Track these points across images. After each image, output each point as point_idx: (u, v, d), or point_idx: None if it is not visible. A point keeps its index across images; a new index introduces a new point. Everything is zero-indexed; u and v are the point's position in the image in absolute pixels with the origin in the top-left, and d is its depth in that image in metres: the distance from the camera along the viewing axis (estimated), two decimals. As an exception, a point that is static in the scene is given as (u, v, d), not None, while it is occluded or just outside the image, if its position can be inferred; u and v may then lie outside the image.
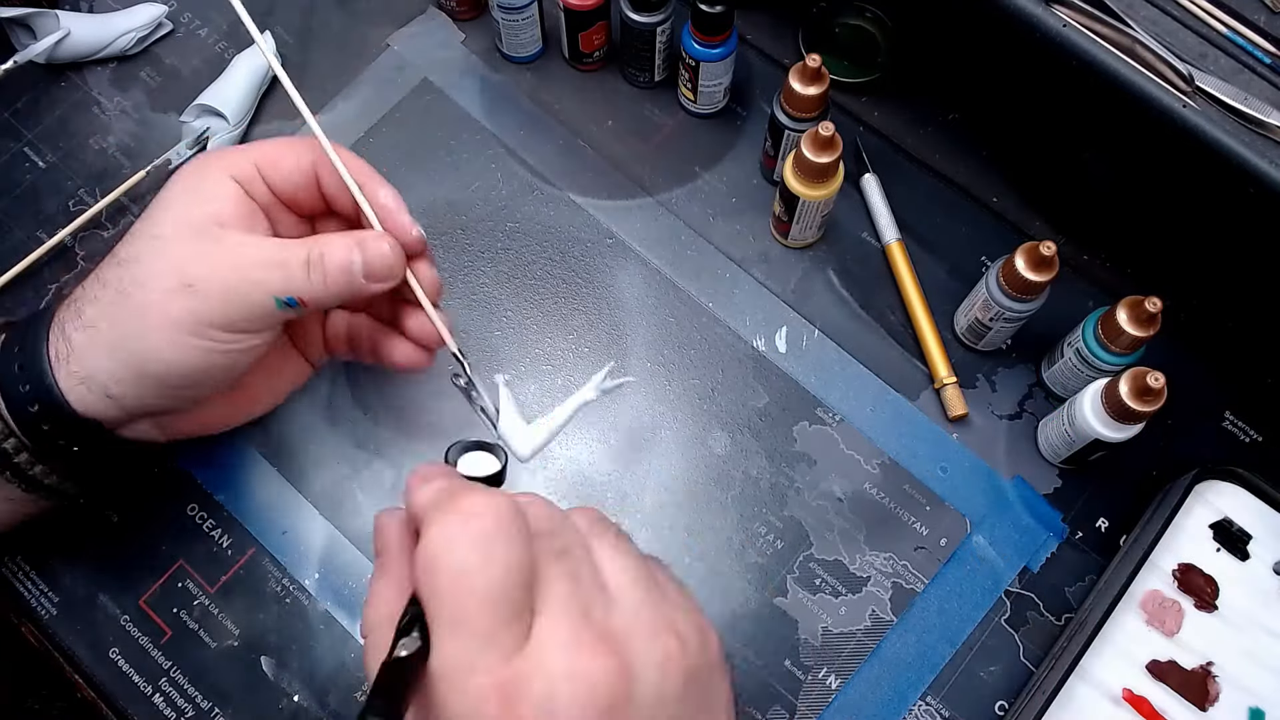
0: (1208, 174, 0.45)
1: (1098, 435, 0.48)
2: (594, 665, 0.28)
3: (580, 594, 0.30)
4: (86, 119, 0.61)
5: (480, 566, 0.28)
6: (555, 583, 0.30)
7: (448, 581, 0.28)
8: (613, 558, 0.32)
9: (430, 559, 0.29)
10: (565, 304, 0.57)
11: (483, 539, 0.29)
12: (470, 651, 0.28)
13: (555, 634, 0.29)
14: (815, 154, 0.51)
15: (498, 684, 0.28)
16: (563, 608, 0.29)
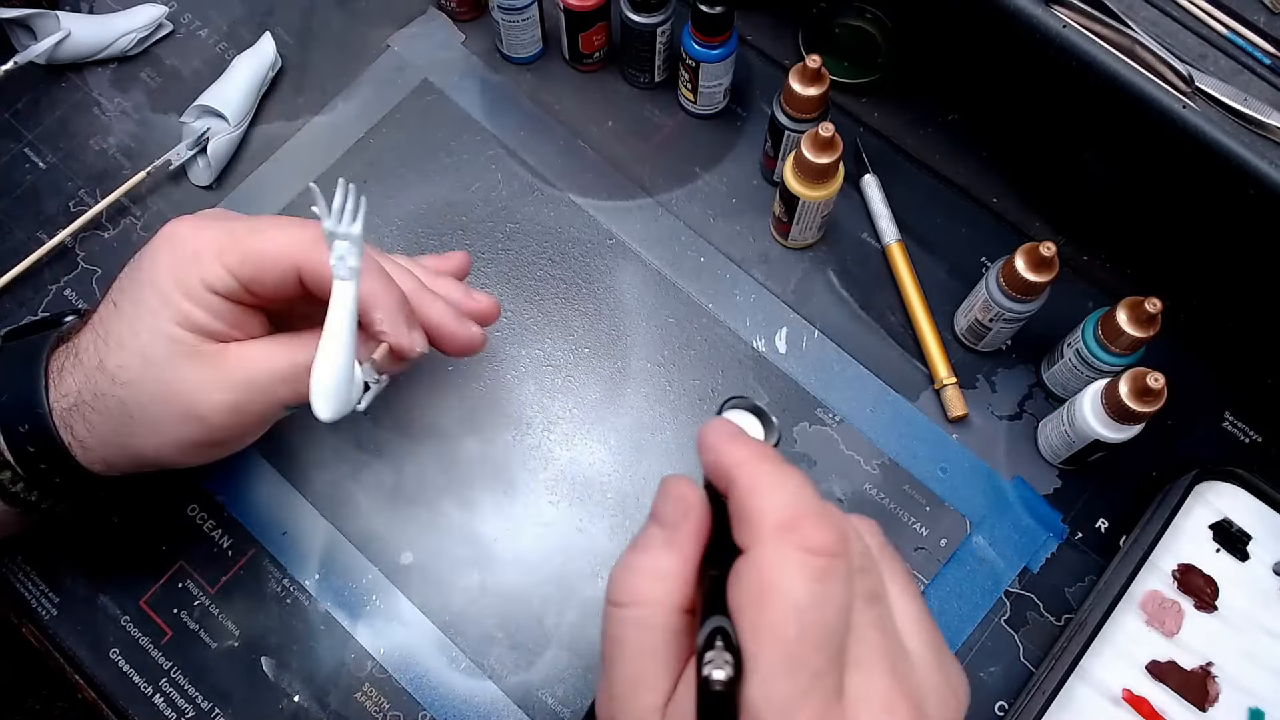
0: (1208, 175, 0.45)
1: (1098, 436, 0.48)
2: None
3: (888, 647, 0.28)
4: (87, 120, 0.61)
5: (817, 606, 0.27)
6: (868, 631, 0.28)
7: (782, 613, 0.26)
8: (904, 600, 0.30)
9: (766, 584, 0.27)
10: (565, 304, 0.57)
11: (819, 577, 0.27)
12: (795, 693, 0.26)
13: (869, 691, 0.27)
14: (815, 154, 0.51)
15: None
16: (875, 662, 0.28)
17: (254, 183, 0.60)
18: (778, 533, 0.27)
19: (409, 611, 0.51)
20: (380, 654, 0.50)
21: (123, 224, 0.59)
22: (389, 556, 0.52)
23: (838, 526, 0.28)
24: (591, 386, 0.56)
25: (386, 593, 0.51)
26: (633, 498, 0.53)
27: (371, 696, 0.50)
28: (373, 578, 0.52)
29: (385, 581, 0.52)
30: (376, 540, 0.52)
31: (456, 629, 0.51)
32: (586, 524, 0.53)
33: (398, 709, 0.50)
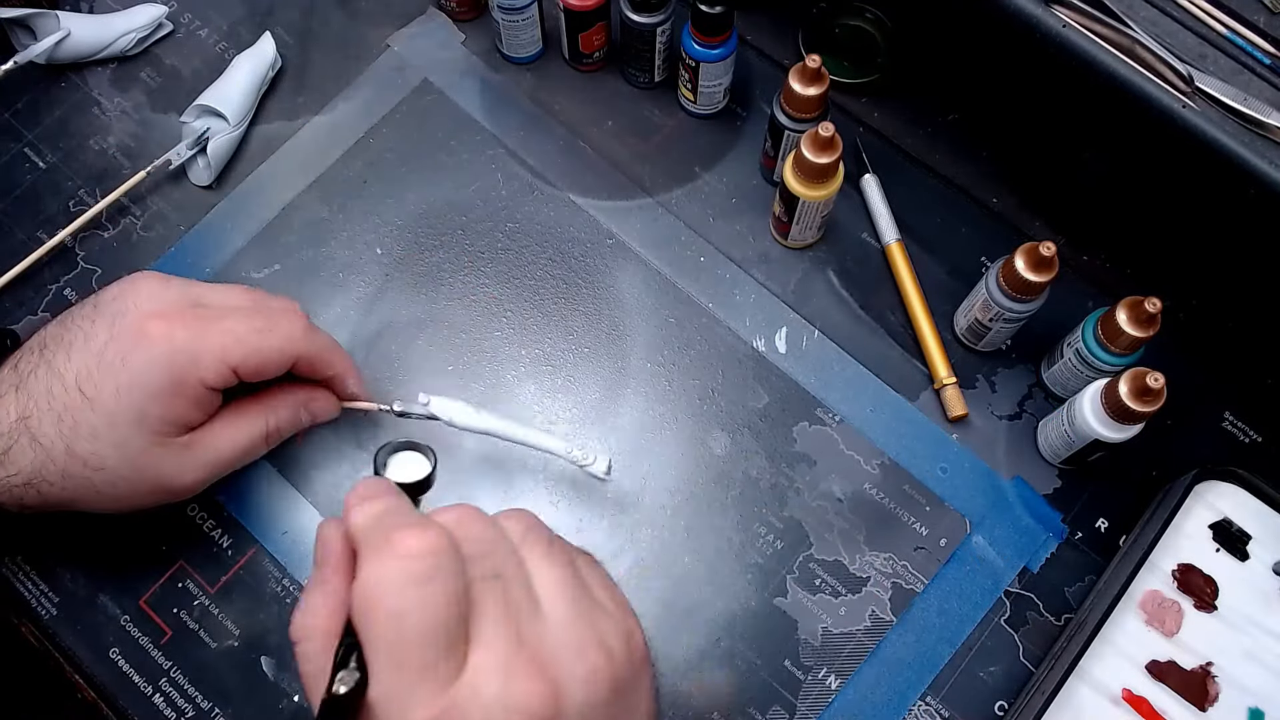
0: (1208, 175, 0.45)
1: (1097, 435, 0.48)
2: (526, 690, 0.29)
3: (512, 617, 0.31)
4: (86, 119, 0.61)
5: (415, 608, 0.29)
6: (488, 608, 0.31)
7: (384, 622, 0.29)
8: (544, 570, 0.33)
9: (366, 599, 0.30)
10: (565, 304, 0.57)
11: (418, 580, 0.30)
12: (408, 687, 0.29)
13: (489, 661, 0.30)
14: (815, 154, 0.51)
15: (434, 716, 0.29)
16: (495, 633, 0.30)
17: (254, 183, 0.60)
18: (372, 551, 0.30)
19: (409, 611, 0.51)
20: (380, 654, 0.50)
21: (123, 224, 0.59)
22: (389, 556, 0.52)
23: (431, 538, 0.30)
24: (591, 386, 0.56)
25: (386, 592, 0.51)
26: (633, 497, 0.53)
27: (371, 696, 0.50)
28: (372, 577, 0.52)
29: (385, 581, 0.52)
30: (376, 540, 0.52)
31: (456, 629, 0.51)
32: (586, 524, 0.53)
33: (397, 709, 0.50)
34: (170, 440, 0.43)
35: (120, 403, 0.42)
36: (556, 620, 0.32)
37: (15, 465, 0.42)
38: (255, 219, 0.59)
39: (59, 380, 0.42)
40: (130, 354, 0.42)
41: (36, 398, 0.42)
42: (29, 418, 0.42)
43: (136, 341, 0.42)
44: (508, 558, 0.32)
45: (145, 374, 0.42)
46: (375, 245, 0.58)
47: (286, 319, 0.45)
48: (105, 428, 0.42)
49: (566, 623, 0.32)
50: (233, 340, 0.43)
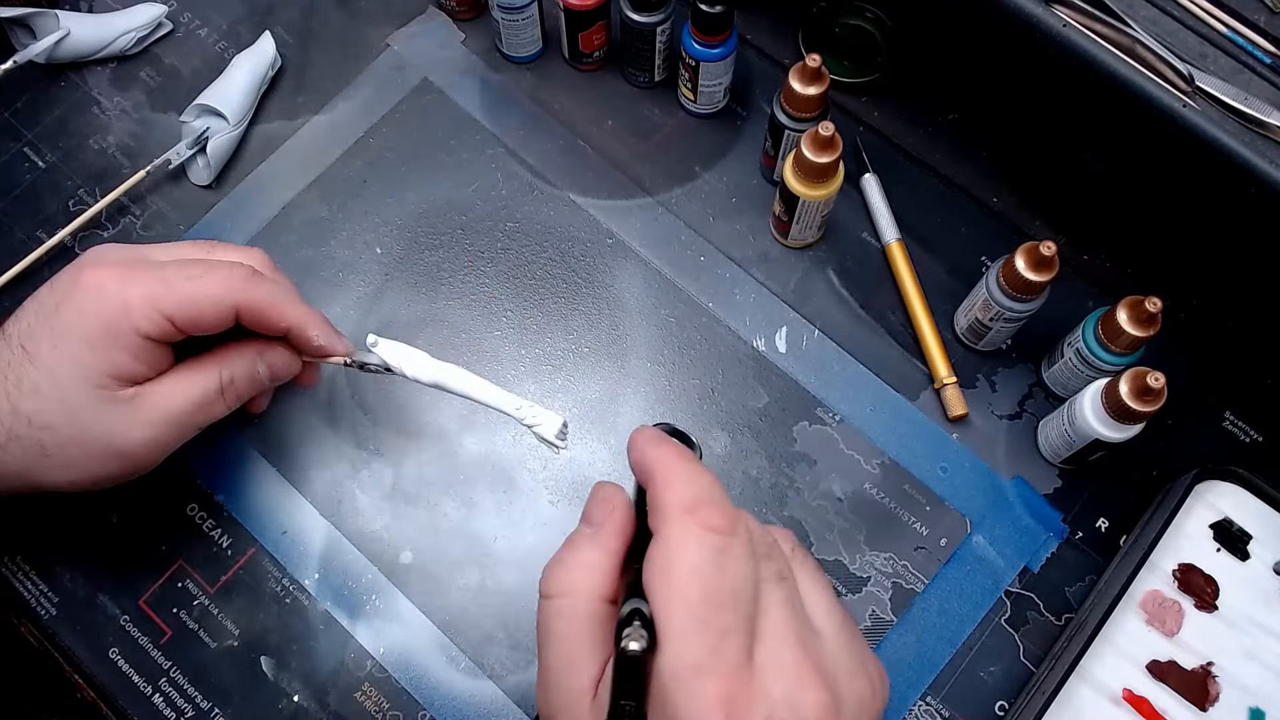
0: (1208, 174, 0.45)
1: (1098, 435, 0.48)
2: (810, 697, 0.29)
3: (796, 623, 0.30)
4: (86, 119, 0.61)
5: (717, 572, 0.29)
6: (775, 607, 0.30)
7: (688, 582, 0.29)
8: (814, 589, 0.33)
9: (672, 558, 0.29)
10: (565, 304, 0.57)
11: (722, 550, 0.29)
12: (702, 654, 0.28)
13: (777, 658, 0.29)
14: (815, 154, 0.51)
15: (725, 694, 0.28)
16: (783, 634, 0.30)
17: (253, 182, 0.60)
18: (680, 514, 0.30)
19: (409, 611, 0.51)
20: (380, 653, 0.50)
21: (122, 223, 0.59)
22: (388, 556, 0.52)
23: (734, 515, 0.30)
24: (591, 386, 0.56)
25: (386, 592, 0.51)
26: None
27: (371, 696, 0.50)
28: (372, 577, 0.52)
29: (385, 581, 0.52)
30: (376, 540, 0.52)
31: (456, 628, 0.51)
32: (586, 523, 0.53)
33: (397, 709, 0.50)
34: (115, 395, 0.42)
35: (58, 355, 0.41)
36: (830, 640, 0.31)
37: None
38: (255, 219, 0.59)
39: (5, 342, 0.42)
40: (63, 303, 0.41)
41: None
42: None
43: (69, 291, 0.41)
44: (787, 565, 0.32)
45: (77, 322, 0.41)
46: (375, 245, 0.58)
47: (226, 266, 0.43)
48: (47, 383, 0.41)
49: (840, 644, 0.31)
50: (164, 288, 0.41)
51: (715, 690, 0.28)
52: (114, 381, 0.41)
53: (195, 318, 0.42)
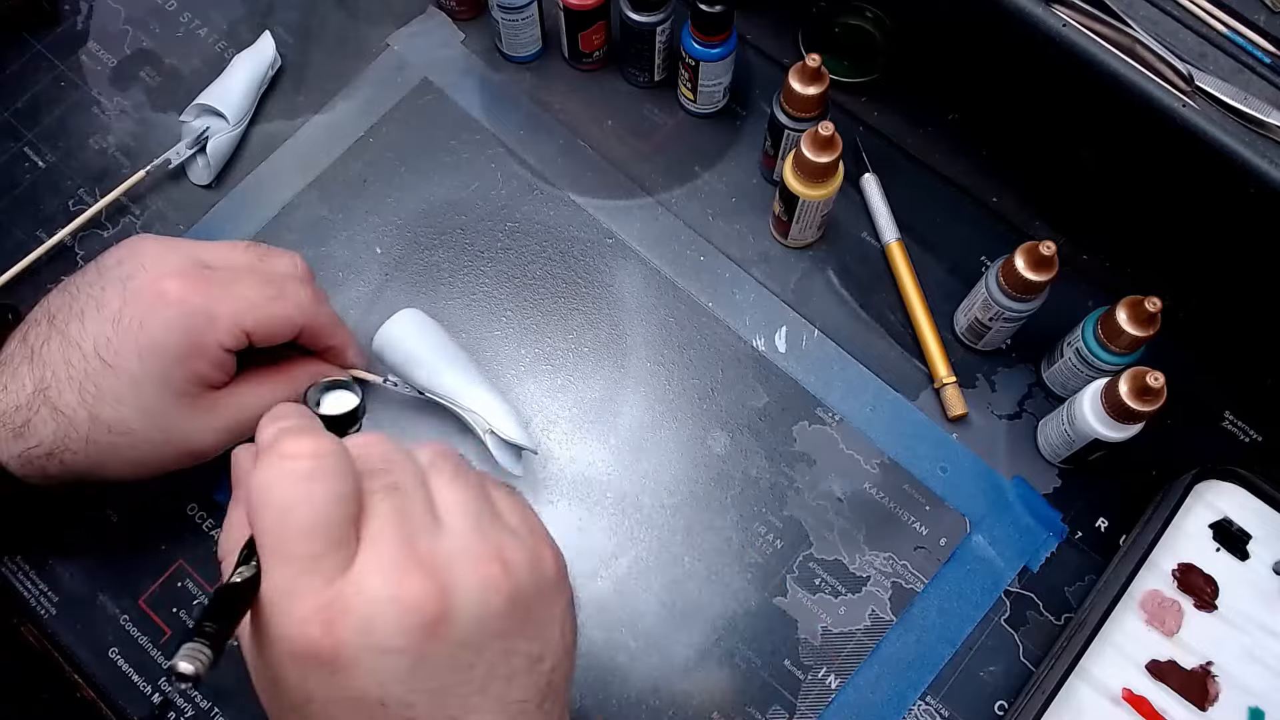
0: (1208, 174, 0.45)
1: (1098, 435, 0.48)
2: (413, 588, 0.30)
3: (406, 525, 0.32)
4: (86, 119, 0.61)
5: (297, 502, 0.31)
6: (381, 516, 0.32)
7: (270, 516, 0.31)
8: (447, 490, 0.34)
9: (256, 496, 0.31)
10: (565, 304, 0.57)
11: (301, 476, 0.31)
12: (292, 579, 0.30)
13: (376, 561, 0.31)
14: (815, 154, 0.51)
15: (319, 607, 0.30)
16: (386, 537, 0.31)
17: (253, 182, 0.60)
18: (264, 453, 0.32)
19: (408, 611, 0.51)
20: (380, 653, 0.50)
21: (122, 223, 0.59)
22: (388, 556, 0.52)
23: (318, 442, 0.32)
24: (591, 386, 0.56)
25: (386, 592, 0.51)
26: (632, 497, 0.53)
27: (371, 696, 0.50)
28: (372, 577, 0.52)
29: (385, 581, 0.52)
30: (376, 539, 0.52)
31: (456, 628, 0.51)
32: (586, 523, 0.53)
33: (397, 708, 0.50)
34: (194, 402, 0.44)
35: (145, 367, 0.42)
36: (454, 532, 0.33)
37: (36, 436, 0.42)
38: (255, 218, 0.59)
39: (76, 349, 0.42)
40: (147, 318, 0.42)
41: (54, 367, 0.42)
42: (47, 388, 0.42)
43: (152, 305, 0.43)
44: (409, 475, 0.34)
45: (165, 336, 0.43)
46: (375, 245, 0.58)
47: (294, 286, 0.47)
48: (130, 393, 0.42)
49: (463, 534, 0.33)
50: (247, 305, 0.44)
51: (307, 606, 0.30)
52: (195, 389, 0.44)
53: (270, 334, 0.46)
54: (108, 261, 0.45)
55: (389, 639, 0.30)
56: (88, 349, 0.42)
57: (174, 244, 0.46)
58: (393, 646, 0.30)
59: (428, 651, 0.30)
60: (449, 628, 0.31)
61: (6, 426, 0.42)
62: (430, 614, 0.30)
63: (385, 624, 0.30)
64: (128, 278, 0.43)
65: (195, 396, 0.44)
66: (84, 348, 0.42)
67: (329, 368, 0.50)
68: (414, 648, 0.30)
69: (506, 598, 0.32)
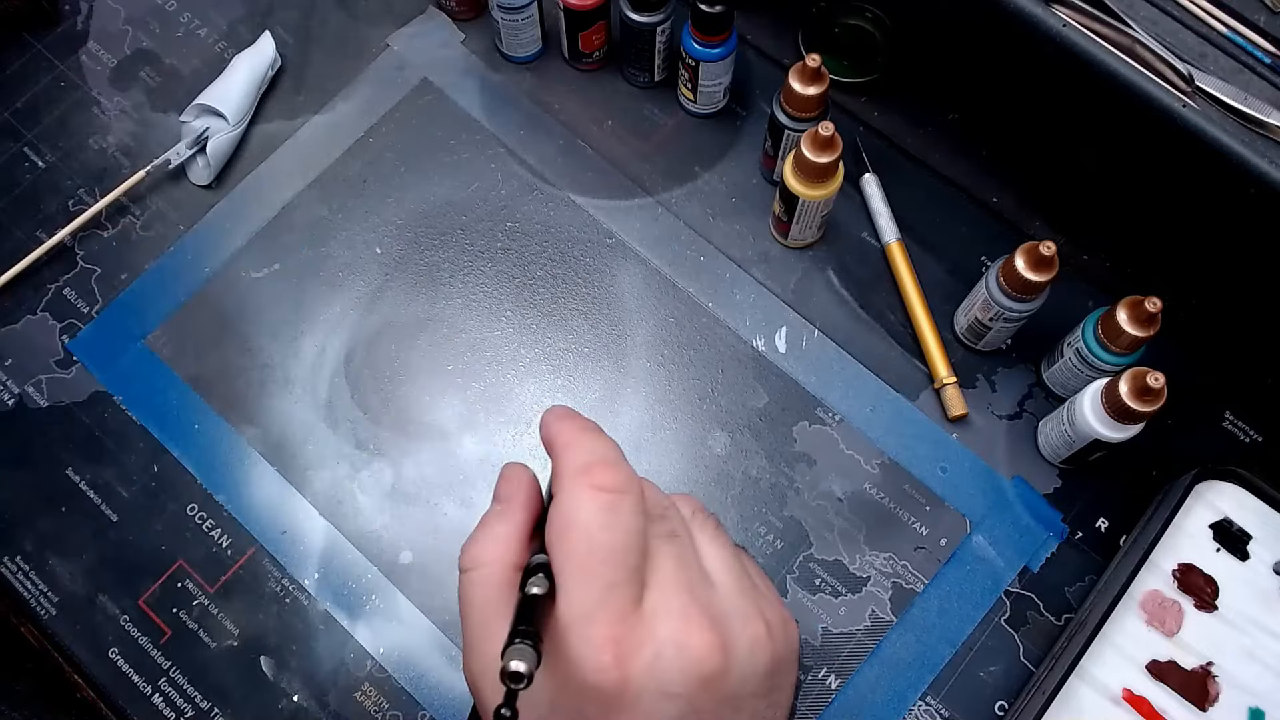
0: (1208, 174, 0.45)
1: (1098, 435, 0.48)
2: (698, 638, 0.31)
3: (686, 574, 0.32)
4: (86, 119, 0.61)
5: (605, 528, 0.31)
6: (665, 560, 0.32)
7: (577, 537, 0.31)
8: (711, 546, 0.35)
9: (565, 517, 0.32)
10: (565, 304, 0.57)
11: (611, 508, 0.32)
12: (593, 602, 0.31)
13: (665, 605, 0.31)
14: (815, 154, 0.51)
15: (615, 636, 0.30)
16: (671, 583, 0.32)
17: (253, 182, 0.60)
18: (574, 476, 0.32)
19: (408, 611, 0.51)
20: (379, 653, 0.50)
21: (122, 223, 0.59)
22: (388, 556, 0.52)
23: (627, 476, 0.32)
24: (591, 386, 0.56)
25: (386, 592, 0.51)
26: (632, 497, 0.53)
27: (371, 696, 0.50)
28: (372, 577, 0.52)
29: (384, 581, 0.52)
30: (376, 540, 0.52)
31: (456, 628, 0.51)
32: (586, 523, 0.53)
33: (397, 708, 0.50)
34: None
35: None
36: (724, 588, 0.33)
37: None
38: (255, 218, 0.59)
39: None
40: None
41: None
42: None
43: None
44: (682, 525, 0.35)
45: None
46: (375, 245, 0.58)
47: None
48: None
49: (734, 592, 0.33)
50: None
51: (603, 634, 0.30)
52: None
53: None
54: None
55: (674, 684, 0.30)
56: None
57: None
58: (674, 692, 0.30)
59: (700, 702, 0.31)
60: (722, 682, 0.31)
61: None
62: (712, 666, 0.31)
63: (672, 668, 0.30)
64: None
65: None
66: None
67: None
68: (691, 696, 0.31)
69: (770, 658, 0.33)
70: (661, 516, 0.34)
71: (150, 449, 0.54)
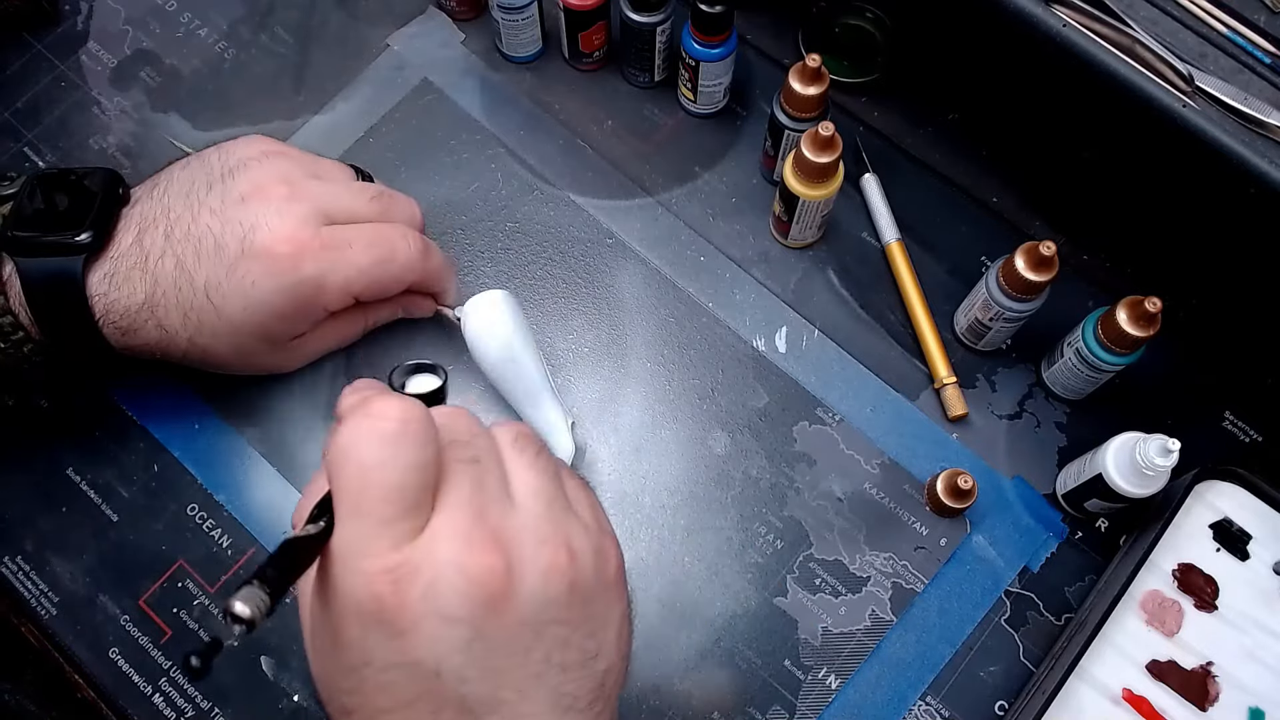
0: (1208, 174, 0.45)
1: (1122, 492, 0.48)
2: (480, 560, 0.31)
3: (480, 498, 0.32)
4: (86, 119, 0.61)
5: (380, 462, 0.31)
6: (457, 486, 0.32)
7: (350, 473, 0.31)
8: (525, 472, 0.34)
9: (338, 452, 0.31)
10: (565, 304, 0.57)
11: (386, 438, 0.31)
12: (365, 537, 0.30)
13: (447, 528, 0.31)
14: (815, 154, 0.51)
15: (389, 567, 0.30)
16: (460, 507, 0.32)
17: (254, 182, 0.59)
18: (351, 411, 0.32)
19: (409, 611, 0.51)
20: (380, 653, 0.50)
21: (122, 223, 0.59)
22: (389, 556, 0.52)
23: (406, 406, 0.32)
24: (591, 386, 0.56)
25: (386, 592, 0.51)
26: (632, 497, 0.53)
27: (371, 696, 0.50)
28: (372, 577, 0.52)
29: (385, 581, 0.51)
30: (376, 540, 0.52)
31: (456, 628, 0.51)
32: (586, 523, 0.53)
33: (397, 708, 0.50)
34: (284, 346, 0.49)
35: (246, 317, 0.45)
36: (525, 513, 0.33)
37: (140, 339, 0.46)
38: (255, 218, 0.59)
39: (188, 280, 0.45)
40: (261, 279, 0.45)
41: (164, 288, 0.45)
42: (156, 305, 0.45)
43: (268, 267, 0.45)
44: (489, 451, 0.34)
45: (273, 298, 0.45)
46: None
47: (405, 246, 0.48)
48: (227, 333, 0.46)
49: (534, 516, 0.33)
50: (357, 273, 0.47)
51: (378, 564, 0.30)
52: (287, 339, 0.48)
53: (378, 295, 0.49)
54: (234, 189, 0.46)
55: (453, 607, 0.30)
56: (199, 284, 0.44)
57: (301, 188, 0.47)
58: (455, 615, 0.30)
59: (488, 627, 0.30)
60: (510, 605, 0.31)
61: (116, 325, 0.45)
62: (494, 588, 0.30)
63: (450, 592, 0.30)
64: (251, 228, 0.45)
65: (285, 344, 0.48)
66: (195, 282, 0.44)
67: (412, 306, 0.52)
68: (475, 620, 0.30)
69: (569, 585, 0.32)
70: (465, 443, 0.33)
71: (150, 449, 0.54)
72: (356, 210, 0.48)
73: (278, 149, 0.48)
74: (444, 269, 0.51)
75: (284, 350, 0.49)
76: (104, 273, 0.44)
